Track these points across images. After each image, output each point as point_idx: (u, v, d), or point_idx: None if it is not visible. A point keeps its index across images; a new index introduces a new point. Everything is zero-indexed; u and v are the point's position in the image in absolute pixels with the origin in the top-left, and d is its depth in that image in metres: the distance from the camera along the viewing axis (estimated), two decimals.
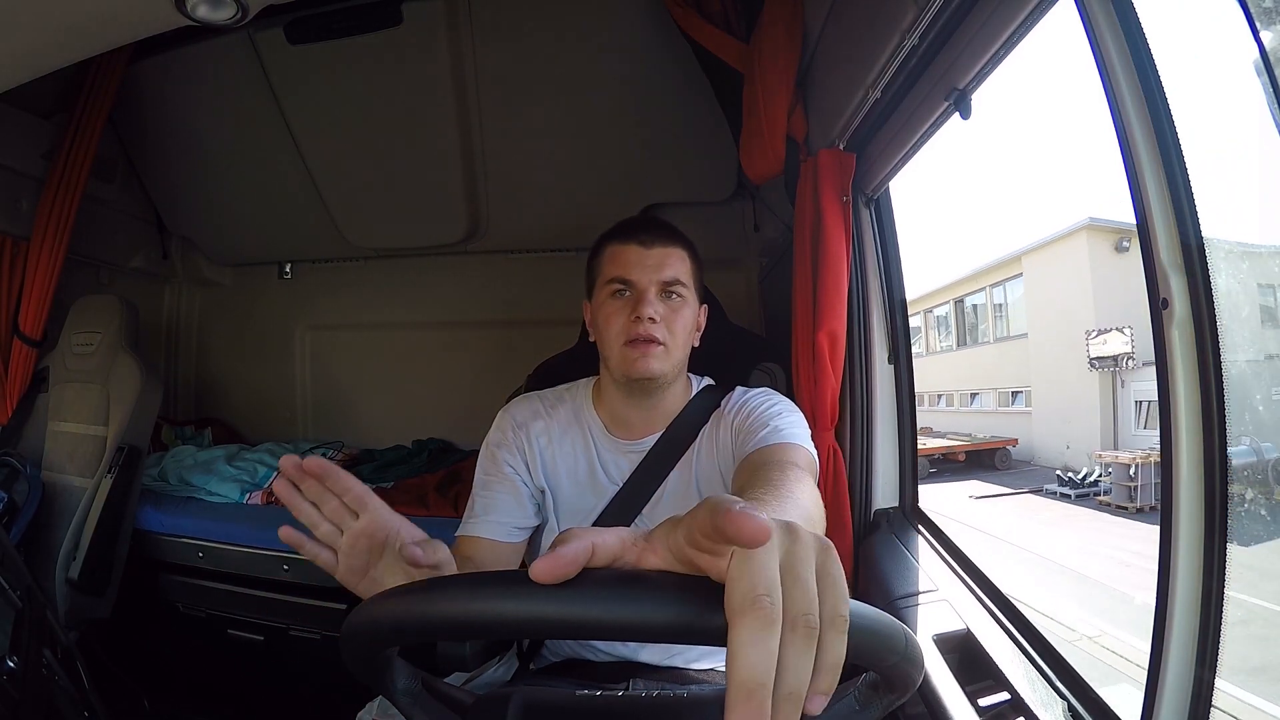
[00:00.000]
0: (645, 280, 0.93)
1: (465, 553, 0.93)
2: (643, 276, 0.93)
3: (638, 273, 0.93)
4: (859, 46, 1.03)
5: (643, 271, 0.93)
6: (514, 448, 0.99)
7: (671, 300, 0.94)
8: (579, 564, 0.37)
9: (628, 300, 0.93)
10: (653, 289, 0.93)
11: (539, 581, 0.36)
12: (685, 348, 0.97)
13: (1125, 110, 0.61)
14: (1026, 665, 0.81)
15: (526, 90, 1.94)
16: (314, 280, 2.76)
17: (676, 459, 0.98)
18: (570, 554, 0.36)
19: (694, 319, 0.98)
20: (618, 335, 0.93)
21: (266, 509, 2.02)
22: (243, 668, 1.91)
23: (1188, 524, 0.58)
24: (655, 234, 0.95)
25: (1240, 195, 0.60)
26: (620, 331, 0.93)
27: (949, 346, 15.66)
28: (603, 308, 0.95)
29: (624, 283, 0.94)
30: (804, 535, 0.36)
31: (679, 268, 0.95)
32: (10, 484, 1.74)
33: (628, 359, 0.92)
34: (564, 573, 0.36)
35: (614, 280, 0.94)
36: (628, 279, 0.93)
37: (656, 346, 0.92)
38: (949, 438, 12.85)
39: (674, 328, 0.94)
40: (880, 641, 0.42)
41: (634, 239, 0.95)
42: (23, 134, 1.91)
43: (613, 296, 0.95)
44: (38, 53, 0.97)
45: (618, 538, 0.39)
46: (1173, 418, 0.58)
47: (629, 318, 0.92)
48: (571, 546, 0.37)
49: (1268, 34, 0.54)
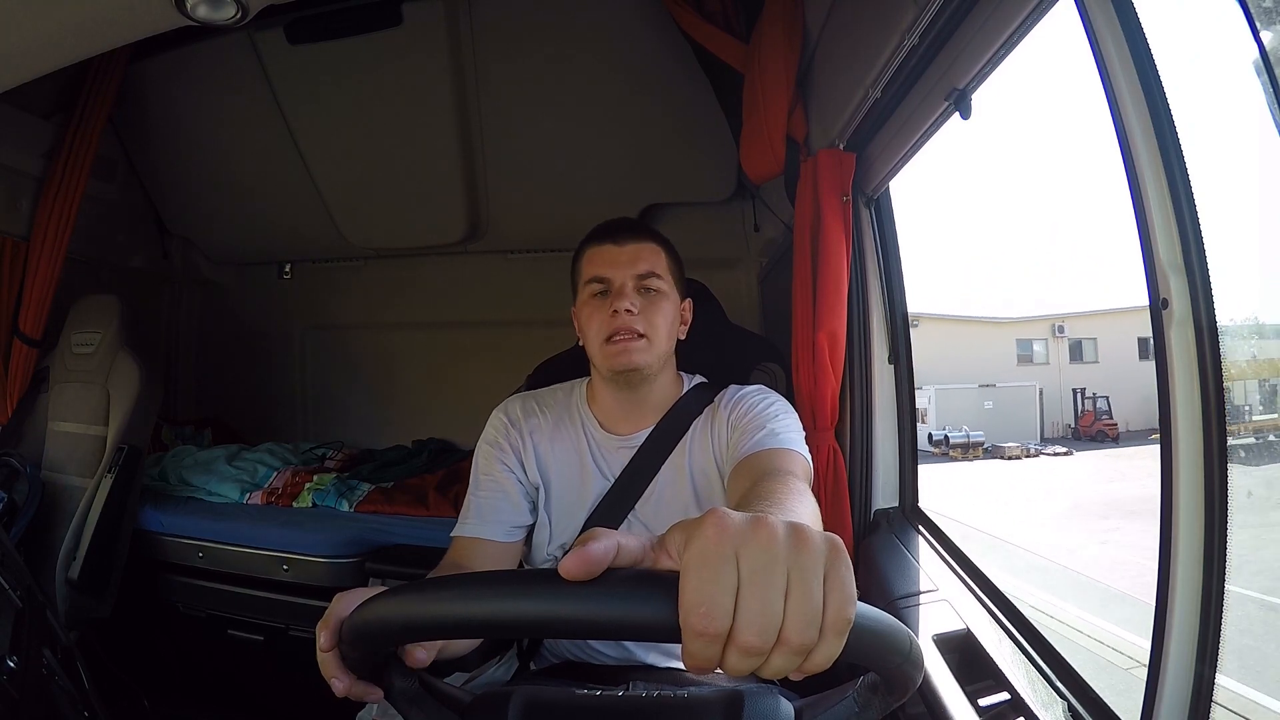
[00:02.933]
0: (620, 276, 0.95)
1: (462, 553, 0.93)
2: (617, 273, 0.96)
3: (611, 269, 0.96)
4: (859, 46, 1.03)
5: (616, 268, 0.96)
6: (508, 446, 1.00)
7: (649, 294, 0.96)
8: (605, 563, 0.37)
9: (606, 298, 0.96)
10: (629, 283, 0.95)
11: (568, 577, 0.36)
12: (669, 340, 0.99)
13: (1125, 110, 0.61)
14: (1026, 665, 0.81)
15: (526, 90, 1.94)
16: (314, 280, 2.76)
17: (668, 453, 0.99)
18: (598, 552, 0.37)
19: (675, 312, 1.00)
20: (598, 332, 0.95)
21: (266, 509, 2.03)
22: (243, 668, 1.91)
23: (1187, 524, 0.58)
24: (627, 232, 0.99)
25: (1240, 195, 0.60)
26: (601, 328, 0.95)
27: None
28: (584, 308, 0.98)
29: (601, 280, 0.96)
30: (812, 542, 0.36)
31: (653, 260, 0.97)
32: (10, 484, 1.74)
33: (609, 354, 0.94)
34: (592, 570, 0.36)
35: (592, 280, 0.97)
36: (604, 276, 0.96)
37: (637, 339, 0.94)
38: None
39: (654, 320, 0.95)
40: (885, 644, 0.42)
41: (608, 239, 0.98)
42: (23, 134, 1.90)
43: (593, 297, 0.97)
44: (38, 53, 0.97)
45: (639, 542, 0.39)
46: (1172, 418, 0.58)
47: (608, 314, 0.94)
48: (600, 545, 0.37)
49: (1268, 34, 0.54)
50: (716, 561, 0.34)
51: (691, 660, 0.35)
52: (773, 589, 0.34)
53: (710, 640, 0.34)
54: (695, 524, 0.37)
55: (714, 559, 0.35)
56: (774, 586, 0.34)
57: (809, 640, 0.35)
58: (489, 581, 0.39)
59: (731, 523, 0.36)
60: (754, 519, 0.36)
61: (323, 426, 2.77)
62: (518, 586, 0.38)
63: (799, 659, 0.35)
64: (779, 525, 0.36)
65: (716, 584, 0.34)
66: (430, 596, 0.40)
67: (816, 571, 0.35)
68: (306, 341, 2.81)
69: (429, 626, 0.41)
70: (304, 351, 2.81)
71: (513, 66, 1.89)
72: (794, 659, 0.35)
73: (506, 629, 0.38)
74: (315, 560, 1.78)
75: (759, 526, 0.36)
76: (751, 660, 0.34)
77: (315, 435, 2.72)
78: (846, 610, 0.35)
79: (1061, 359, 13.38)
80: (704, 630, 0.34)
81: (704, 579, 0.34)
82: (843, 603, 0.35)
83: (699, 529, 0.36)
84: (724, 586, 0.34)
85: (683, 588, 0.35)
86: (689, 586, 0.34)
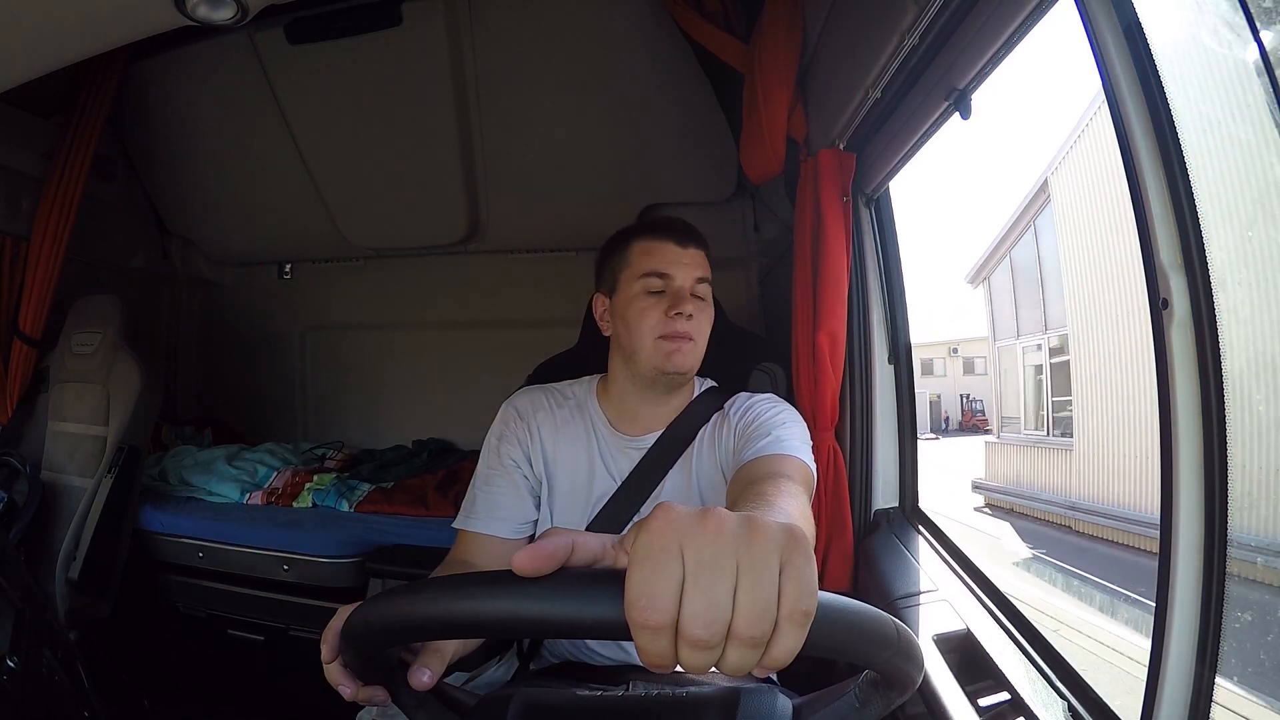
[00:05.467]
0: (684, 277, 0.95)
1: (466, 549, 0.92)
2: (681, 273, 0.95)
3: (676, 269, 0.95)
4: (859, 46, 1.03)
5: (680, 269, 0.95)
6: (515, 439, 0.99)
7: (698, 301, 0.96)
8: (558, 560, 0.37)
9: (665, 296, 0.95)
10: (689, 287, 0.95)
11: (519, 573, 0.36)
12: (704, 347, 0.99)
13: (1125, 110, 0.61)
14: (1026, 665, 0.81)
15: (526, 90, 1.94)
16: (314, 280, 2.76)
17: (676, 457, 0.98)
18: (550, 548, 0.37)
19: (712, 320, 1.00)
20: (652, 329, 0.94)
21: (266, 509, 2.03)
22: (243, 668, 1.91)
23: (1187, 524, 0.58)
24: (689, 234, 0.98)
25: (1240, 195, 0.60)
26: (655, 325, 0.93)
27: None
28: (635, 301, 0.95)
29: (661, 277, 0.95)
30: (766, 532, 0.36)
31: (705, 268, 0.98)
32: (10, 484, 1.74)
33: (663, 351, 0.93)
34: (541, 566, 0.36)
35: (651, 274, 0.95)
36: (667, 273, 0.95)
37: (688, 342, 0.94)
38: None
39: (703, 326, 0.96)
40: (866, 635, 0.41)
41: (670, 236, 0.97)
42: (23, 134, 1.90)
43: (647, 292, 0.95)
44: (38, 53, 0.97)
45: (599, 540, 0.40)
46: (1172, 418, 0.58)
47: (666, 313, 0.93)
48: (554, 541, 0.37)
49: (1268, 34, 0.54)
50: (660, 555, 0.34)
51: (644, 656, 0.35)
52: (719, 580, 0.34)
53: (654, 633, 0.34)
54: (644, 520, 0.36)
55: (657, 552, 0.34)
56: (720, 578, 0.34)
57: (761, 633, 0.34)
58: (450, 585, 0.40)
59: (677, 515, 0.36)
60: (703, 511, 0.36)
61: (323, 426, 2.77)
62: (476, 588, 0.39)
63: (755, 652, 0.34)
64: (729, 517, 0.36)
65: (659, 576, 0.34)
66: (402, 601, 0.42)
67: (769, 562, 0.34)
68: (306, 341, 2.81)
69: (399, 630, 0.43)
70: (304, 351, 2.81)
71: (513, 66, 1.89)
72: (750, 653, 0.34)
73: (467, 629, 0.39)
74: (315, 560, 1.78)
75: (706, 518, 0.35)
76: (703, 654, 0.34)
77: (315, 435, 2.72)
78: (804, 601, 0.34)
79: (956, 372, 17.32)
80: (645, 623, 0.33)
81: (646, 571, 0.34)
82: (799, 594, 0.34)
83: (646, 523, 0.36)
84: (667, 578, 0.34)
85: (627, 581, 0.34)
86: (632, 580, 0.34)
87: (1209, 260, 0.57)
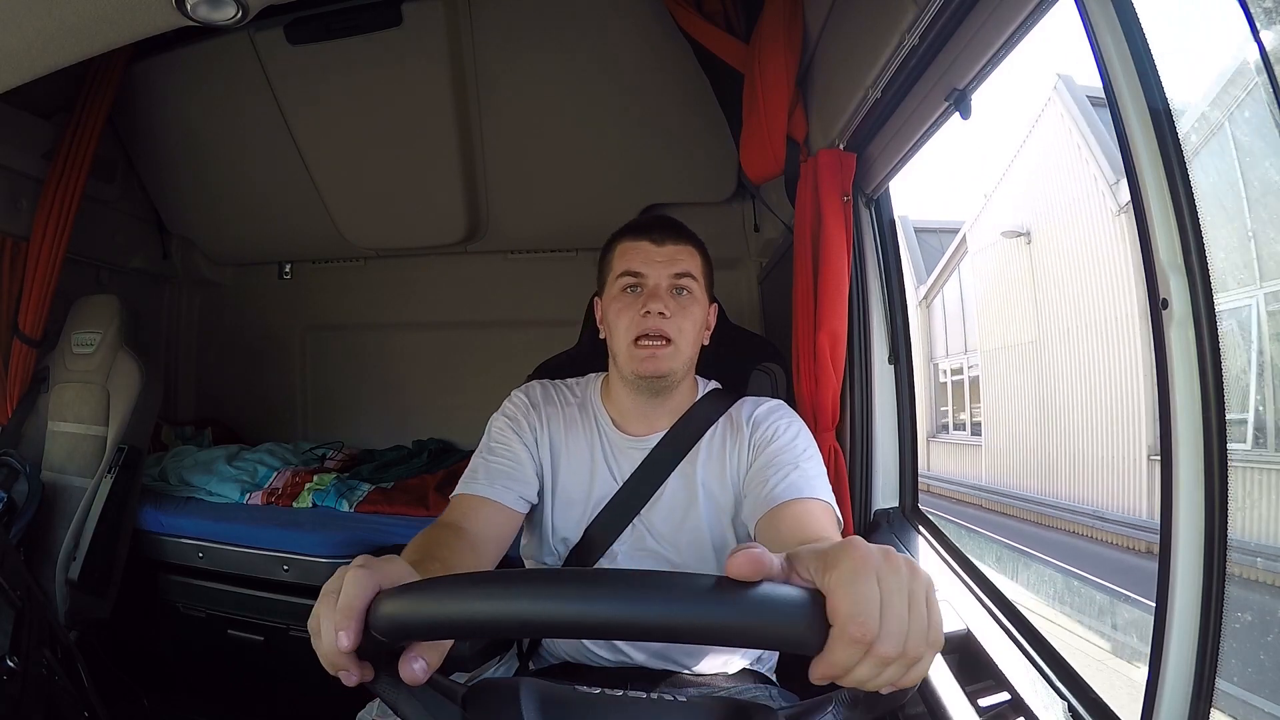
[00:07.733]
0: (656, 275, 0.94)
1: (464, 513, 0.89)
2: (653, 271, 0.94)
3: (648, 268, 0.95)
4: (859, 46, 1.03)
5: (653, 267, 0.95)
6: (525, 424, 0.99)
7: (682, 296, 0.95)
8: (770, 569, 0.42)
9: (639, 296, 0.94)
10: (664, 284, 0.94)
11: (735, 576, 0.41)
12: (694, 345, 0.98)
13: (1125, 110, 0.61)
14: (1026, 665, 0.81)
15: (526, 90, 1.94)
16: (314, 280, 2.76)
17: (679, 459, 0.98)
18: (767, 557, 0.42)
19: (703, 317, 0.99)
20: (627, 331, 0.93)
21: (266, 509, 2.02)
22: (243, 668, 1.90)
23: (1188, 524, 0.58)
24: (668, 232, 0.97)
25: (1239, 195, 0.60)
26: (630, 326, 0.93)
27: None
28: (614, 302, 0.96)
29: (635, 275, 0.95)
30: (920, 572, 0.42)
31: (689, 263, 0.97)
32: (10, 484, 1.73)
33: (636, 358, 0.93)
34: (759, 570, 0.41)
35: (625, 274, 0.95)
36: (641, 272, 0.95)
37: (666, 346, 0.93)
38: None
39: (683, 325, 0.94)
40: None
41: (646, 236, 0.96)
42: (23, 134, 1.90)
43: (623, 291, 0.95)
44: (38, 53, 0.97)
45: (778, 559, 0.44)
46: (1172, 418, 0.58)
47: (639, 313, 0.93)
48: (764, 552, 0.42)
49: (1268, 34, 0.54)
50: (867, 580, 0.40)
51: (831, 668, 0.40)
52: (904, 607, 0.40)
53: (861, 648, 0.39)
54: (838, 549, 0.42)
55: (865, 578, 0.40)
56: (904, 605, 0.40)
57: (919, 654, 0.41)
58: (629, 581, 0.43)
59: (869, 549, 0.42)
60: (884, 550, 0.43)
61: (323, 426, 2.76)
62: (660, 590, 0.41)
63: (905, 670, 0.41)
64: (901, 556, 0.43)
65: (870, 599, 0.40)
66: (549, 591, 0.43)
67: (928, 596, 0.42)
68: (306, 341, 2.81)
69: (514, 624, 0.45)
70: (304, 351, 2.81)
71: (513, 66, 1.89)
72: (904, 670, 0.41)
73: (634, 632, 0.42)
74: (315, 560, 1.78)
75: (890, 555, 0.42)
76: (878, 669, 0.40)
77: (315, 435, 2.72)
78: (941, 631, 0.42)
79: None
80: (860, 638, 0.39)
81: (860, 593, 0.40)
82: (940, 623, 0.42)
83: (846, 552, 0.42)
84: (875, 601, 0.40)
85: (840, 600, 0.40)
86: (847, 599, 0.40)
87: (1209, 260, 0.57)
